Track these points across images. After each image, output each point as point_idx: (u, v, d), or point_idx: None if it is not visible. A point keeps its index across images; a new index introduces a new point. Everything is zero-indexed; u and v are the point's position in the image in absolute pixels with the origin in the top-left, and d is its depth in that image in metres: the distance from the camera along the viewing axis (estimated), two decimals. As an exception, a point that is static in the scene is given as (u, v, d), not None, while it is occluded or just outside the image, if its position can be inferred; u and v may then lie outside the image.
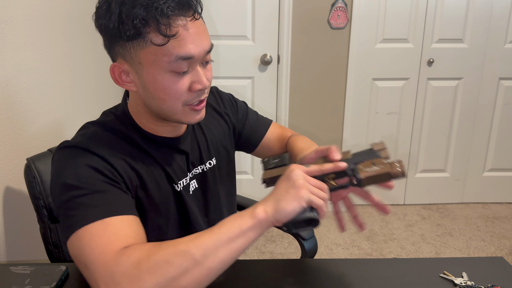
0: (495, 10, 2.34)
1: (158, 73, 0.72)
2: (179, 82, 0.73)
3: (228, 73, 2.36)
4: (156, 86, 0.73)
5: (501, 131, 2.56)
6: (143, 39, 0.69)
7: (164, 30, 0.68)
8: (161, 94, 0.74)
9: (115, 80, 0.77)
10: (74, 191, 0.69)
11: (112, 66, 0.76)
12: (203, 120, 0.94)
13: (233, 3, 2.25)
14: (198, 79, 0.74)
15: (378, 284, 0.80)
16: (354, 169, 0.72)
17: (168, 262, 0.60)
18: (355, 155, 0.75)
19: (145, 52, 0.71)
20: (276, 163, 0.77)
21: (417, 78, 2.44)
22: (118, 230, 0.65)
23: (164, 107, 0.76)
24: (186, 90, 0.74)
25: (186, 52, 0.70)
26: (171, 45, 0.69)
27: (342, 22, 2.29)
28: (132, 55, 0.72)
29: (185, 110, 0.77)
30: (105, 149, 0.75)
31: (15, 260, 1.14)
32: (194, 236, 0.64)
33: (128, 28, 0.68)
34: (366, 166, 0.71)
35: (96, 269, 0.62)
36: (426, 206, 2.67)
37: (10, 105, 1.13)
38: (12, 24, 1.14)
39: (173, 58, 0.70)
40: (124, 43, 0.71)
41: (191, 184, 0.89)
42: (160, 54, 0.70)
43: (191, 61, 0.72)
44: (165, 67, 0.71)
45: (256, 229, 0.65)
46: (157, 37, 0.69)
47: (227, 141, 1.00)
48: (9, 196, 1.12)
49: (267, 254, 2.19)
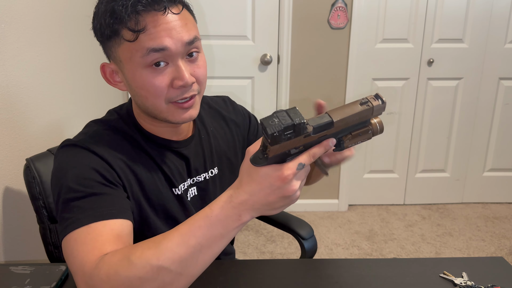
0: (495, 10, 2.34)
1: (136, 70, 0.72)
2: (157, 78, 0.72)
3: (228, 73, 2.36)
4: (137, 83, 0.74)
5: (501, 131, 2.56)
6: (118, 37, 0.71)
7: (133, 26, 0.69)
8: (142, 91, 0.74)
9: (106, 80, 0.79)
10: (71, 193, 0.69)
11: (101, 65, 0.78)
12: (211, 128, 0.93)
13: (233, 3, 2.25)
14: (179, 75, 0.72)
15: (378, 284, 0.80)
16: (340, 142, 0.63)
17: (140, 278, 0.58)
18: (342, 115, 0.60)
19: (122, 50, 0.72)
20: (290, 136, 0.55)
21: (417, 78, 2.44)
22: (98, 237, 0.65)
23: (148, 104, 0.76)
24: (167, 86, 0.73)
25: (158, 43, 0.70)
26: (142, 39, 0.70)
27: (342, 22, 2.29)
28: (114, 54, 0.74)
29: (170, 108, 0.75)
30: (105, 149, 0.75)
31: (15, 260, 1.14)
32: (164, 246, 0.59)
33: (105, 28, 0.71)
34: (352, 138, 0.62)
35: (77, 279, 0.63)
36: (426, 206, 2.67)
37: (10, 105, 1.12)
38: (12, 24, 1.14)
39: (145, 51, 0.70)
40: (107, 43, 0.74)
41: (190, 190, 0.88)
42: (133, 50, 0.71)
43: (167, 53, 0.71)
44: (140, 62, 0.71)
45: (239, 229, 0.61)
46: (127, 33, 0.70)
47: (232, 152, 0.97)
48: (9, 196, 1.12)
49: (267, 254, 2.19)
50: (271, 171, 0.57)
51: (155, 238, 0.62)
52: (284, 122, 0.53)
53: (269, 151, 0.55)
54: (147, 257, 0.59)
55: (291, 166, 0.57)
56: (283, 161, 0.58)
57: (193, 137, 0.89)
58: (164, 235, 0.61)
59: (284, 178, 0.56)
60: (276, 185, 0.57)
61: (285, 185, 0.57)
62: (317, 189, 2.59)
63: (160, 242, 0.60)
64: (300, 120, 0.54)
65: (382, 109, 0.60)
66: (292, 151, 0.57)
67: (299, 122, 0.54)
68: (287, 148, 0.56)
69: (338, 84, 2.40)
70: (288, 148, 0.56)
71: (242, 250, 2.22)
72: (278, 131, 0.52)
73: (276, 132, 0.52)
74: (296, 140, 0.56)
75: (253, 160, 0.58)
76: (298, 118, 0.54)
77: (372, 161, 2.61)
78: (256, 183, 0.58)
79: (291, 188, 0.57)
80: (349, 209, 2.64)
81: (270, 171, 0.57)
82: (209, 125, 0.94)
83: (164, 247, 0.59)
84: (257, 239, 2.32)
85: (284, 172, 0.56)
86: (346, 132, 0.61)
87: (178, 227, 0.61)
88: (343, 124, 0.58)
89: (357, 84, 2.42)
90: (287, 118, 0.54)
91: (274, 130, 0.52)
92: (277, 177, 0.57)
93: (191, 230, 0.60)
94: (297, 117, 0.54)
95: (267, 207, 0.59)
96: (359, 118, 0.59)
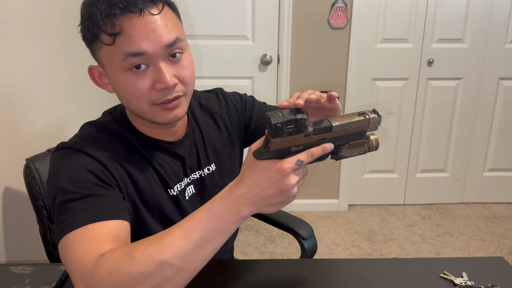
0: (495, 10, 2.34)
1: (117, 73, 0.72)
2: (138, 81, 0.71)
3: (228, 73, 2.36)
4: (119, 86, 0.74)
5: (501, 131, 2.56)
6: (98, 41, 0.71)
7: (109, 30, 0.69)
8: (125, 94, 0.74)
9: (95, 83, 0.80)
10: (66, 195, 0.69)
11: (89, 68, 0.79)
12: (203, 124, 0.93)
13: (233, 3, 2.25)
14: (160, 78, 0.71)
15: (378, 284, 0.80)
16: (337, 150, 0.67)
17: (143, 273, 0.58)
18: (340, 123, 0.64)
19: (103, 53, 0.72)
20: (291, 131, 0.60)
21: (417, 78, 2.44)
22: (95, 237, 0.64)
23: (132, 107, 0.76)
24: (149, 89, 0.72)
25: (135, 48, 0.69)
26: (120, 43, 0.69)
27: (342, 22, 2.29)
28: (98, 57, 0.75)
29: (154, 109, 0.75)
30: (100, 150, 0.75)
31: (15, 260, 1.14)
32: (167, 241, 0.60)
33: (86, 32, 0.72)
34: (349, 148, 0.66)
35: (76, 281, 0.62)
36: (426, 206, 2.67)
37: (10, 105, 1.12)
38: (12, 24, 1.14)
39: (123, 56, 0.69)
40: (91, 46, 0.74)
41: (187, 189, 0.88)
42: (113, 54, 0.70)
43: (146, 57, 0.70)
44: (120, 65, 0.71)
45: (238, 224, 0.63)
46: (105, 37, 0.70)
47: (227, 145, 0.96)
48: (9, 196, 1.12)
49: (267, 254, 2.19)
50: (271, 164, 0.61)
51: (156, 234, 0.63)
52: (288, 116, 0.59)
53: (271, 144, 0.59)
54: (150, 252, 0.59)
55: (290, 160, 0.60)
56: (283, 158, 0.62)
57: (187, 136, 0.88)
58: (166, 231, 0.62)
59: (282, 171, 0.60)
60: (274, 178, 0.60)
61: (283, 178, 0.60)
62: (317, 189, 2.59)
63: (162, 237, 0.61)
64: (302, 116, 0.59)
65: (378, 123, 0.65)
66: (292, 149, 0.62)
67: (301, 118, 0.59)
68: (288, 145, 0.61)
69: (338, 84, 2.40)
70: (289, 145, 0.61)
71: (242, 250, 2.22)
72: (281, 122, 0.58)
73: (279, 123, 0.58)
74: (297, 137, 0.61)
75: (256, 153, 0.62)
76: (300, 114, 0.59)
77: (372, 161, 2.61)
78: (256, 175, 0.61)
79: (288, 182, 0.60)
80: (349, 209, 2.64)
81: (270, 164, 0.61)
82: (202, 122, 0.93)
83: (166, 241, 0.60)
84: (257, 239, 2.32)
85: (283, 165, 0.60)
86: (344, 141, 0.66)
87: (180, 223, 0.63)
88: (341, 130, 0.63)
89: (357, 84, 2.42)
90: (290, 113, 0.60)
91: (277, 121, 0.58)
92: (276, 169, 0.60)
93: (192, 224, 0.62)
94: (300, 114, 0.59)
95: (265, 201, 0.62)
96: (356, 127, 0.64)
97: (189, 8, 2.24)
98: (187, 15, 2.24)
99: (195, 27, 2.28)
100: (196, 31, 2.28)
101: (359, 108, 2.47)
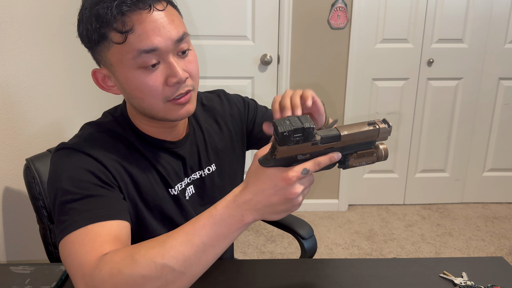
0: (495, 10, 2.34)
1: (128, 72, 0.72)
2: (151, 78, 0.71)
3: (228, 73, 2.36)
4: (131, 85, 0.73)
5: (501, 131, 2.56)
6: (106, 41, 0.70)
7: (120, 27, 0.68)
8: (137, 93, 0.74)
9: (99, 86, 0.79)
10: (67, 196, 0.69)
11: (92, 71, 0.77)
12: (205, 124, 0.93)
13: (233, 3, 2.25)
14: (172, 72, 0.72)
15: (378, 284, 0.80)
16: (345, 159, 0.66)
17: (144, 276, 0.58)
18: (348, 131, 0.63)
19: (111, 53, 0.71)
20: (299, 139, 0.59)
21: (417, 78, 2.44)
22: (96, 238, 0.64)
23: (145, 106, 0.75)
24: (162, 85, 0.72)
25: (148, 45, 0.69)
26: (131, 41, 0.69)
27: (342, 22, 2.29)
28: (105, 59, 0.73)
29: (167, 106, 0.75)
30: (100, 151, 0.75)
31: (15, 260, 1.14)
32: (169, 245, 0.60)
33: (92, 33, 0.70)
34: (357, 157, 0.65)
35: (76, 281, 0.62)
36: (426, 206, 2.67)
37: (10, 105, 1.13)
38: (12, 24, 1.14)
39: (136, 53, 0.69)
40: (96, 48, 0.73)
41: (187, 189, 0.88)
42: (124, 52, 0.70)
43: (158, 53, 0.70)
44: (132, 64, 0.71)
45: (241, 230, 0.62)
46: (115, 35, 0.69)
47: (229, 146, 0.96)
48: (9, 196, 1.12)
49: (267, 254, 2.19)
50: (276, 172, 0.59)
51: (158, 237, 0.62)
52: (295, 125, 0.57)
53: (278, 152, 0.58)
54: (152, 255, 0.59)
55: (296, 169, 0.59)
56: (289, 166, 0.60)
57: (188, 136, 0.89)
58: (169, 234, 0.62)
59: (288, 179, 0.58)
60: (279, 186, 0.59)
61: (288, 187, 0.59)
62: (317, 189, 2.59)
63: (164, 241, 0.61)
64: (310, 125, 0.57)
65: (388, 133, 0.63)
66: (299, 157, 0.60)
67: (308, 126, 0.57)
68: (294, 153, 0.59)
69: (338, 84, 2.41)
70: (296, 153, 0.59)
71: (242, 250, 2.22)
72: (288, 131, 0.56)
73: (286, 131, 0.56)
74: (304, 145, 0.59)
75: (262, 161, 0.61)
76: (308, 123, 0.57)
77: (372, 161, 2.61)
78: (261, 182, 0.60)
79: (293, 191, 0.59)
80: (349, 209, 2.64)
81: (275, 172, 0.59)
82: (203, 122, 0.93)
83: (169, 245, 0.60)
84: (257, 239, 2.32)
85: (288, 174, 0.58)
86: (352, 150, 0.64)
87: (183, 226, 0.62)
88: (349, 140, 0.62)
89: (357, 84, 2.42)
90: (298, 122, 0.57)
91: (284, 129, 0.56)
92: (282, 178, 0.59)
93: (195, 228, 0.61)
94: (308, 122, 0.57)
95: (269, 209, 0.61)
96: (365, 137, 0.63)
97: (189, 8, 2.24)
98: (187, 15, 2.24)
99: (195, 27, 2.28)
100: (196, 31, 2.28)
101: (358, 109, 2.47)
